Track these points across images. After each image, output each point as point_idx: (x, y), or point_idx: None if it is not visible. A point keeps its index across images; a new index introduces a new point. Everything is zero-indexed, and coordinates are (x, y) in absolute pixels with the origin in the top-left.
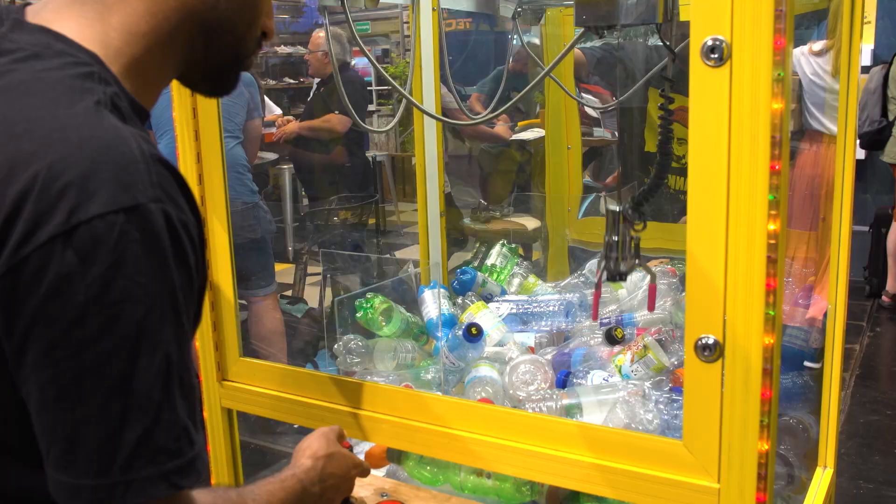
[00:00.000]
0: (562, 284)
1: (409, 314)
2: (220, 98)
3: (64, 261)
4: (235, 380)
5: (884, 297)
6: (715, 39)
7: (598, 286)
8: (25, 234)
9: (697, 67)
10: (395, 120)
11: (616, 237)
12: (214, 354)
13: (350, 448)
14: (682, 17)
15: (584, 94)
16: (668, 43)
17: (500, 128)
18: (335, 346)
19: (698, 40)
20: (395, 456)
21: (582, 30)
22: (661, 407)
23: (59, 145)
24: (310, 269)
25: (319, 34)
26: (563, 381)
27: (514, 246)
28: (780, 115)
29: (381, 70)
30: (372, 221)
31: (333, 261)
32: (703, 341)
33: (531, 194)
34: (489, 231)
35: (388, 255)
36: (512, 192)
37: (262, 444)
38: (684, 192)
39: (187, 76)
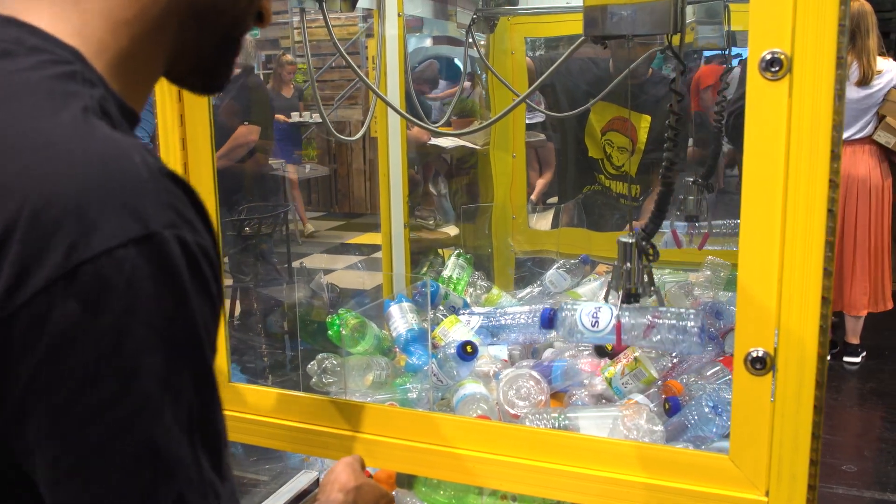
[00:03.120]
0: (520, 295)
1: (379, 329)
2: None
3: (66, 311)
4: (224, 407)
5: None
6: (774, 53)
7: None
8: (14, 280)
9: (755, 81)
10: (365, 127)
11: (629, 265)
12: None
13: (370, 476)
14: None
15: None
16: (678, 54)
17: (416, 130)
18: (308, 366)
19: (756, 54)
20: (404, 481)
21: (579, 41)
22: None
23: (47, 165)
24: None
25: None
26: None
27: (468, 256)
28: (839, 129)
29: (360, 74)
30: (290, 230)
31: (246, 274)
32: (754, 354)
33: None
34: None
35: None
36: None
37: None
38: (624, 196)
39: (176, 69)
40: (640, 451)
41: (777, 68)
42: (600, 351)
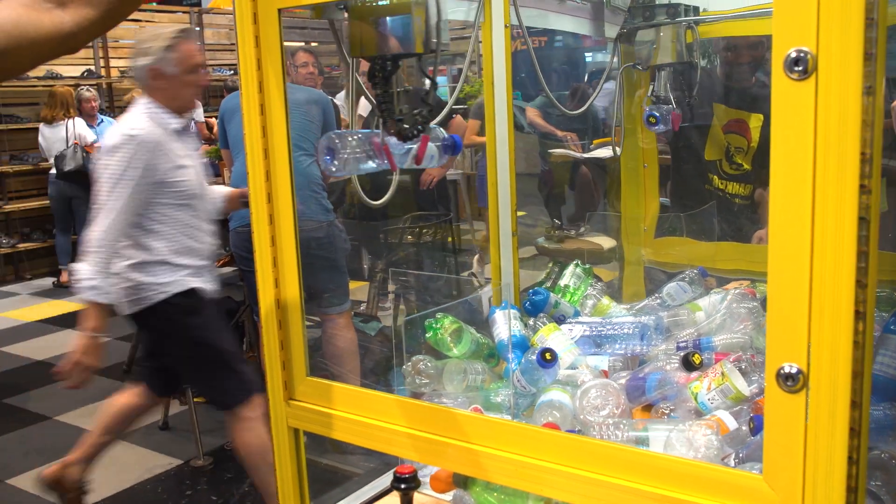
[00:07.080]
0: (637, 307)
1: (479, 335)
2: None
3: None
4: (302, 399)
5: None
6: (799, 51)
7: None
8: None
9: (780, 81)
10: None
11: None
12: (282, 373)
13: (415, 472)
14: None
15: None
16: (426, 71)
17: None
18: (403, 367)
19: (781, 52)
20: (461, 481)
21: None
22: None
23: None
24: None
25: None
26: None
27: (587, 266)
28: (870, 130)
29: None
30: (450, 240)
31: (406, 279)
32: (786, 370)
33: (606, 213)
34: (563, 251)
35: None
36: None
37: (330, 463)
38: (739, 196)
39: None
40: (672, 465)
41: (802, 67)
42: (687, 364)
